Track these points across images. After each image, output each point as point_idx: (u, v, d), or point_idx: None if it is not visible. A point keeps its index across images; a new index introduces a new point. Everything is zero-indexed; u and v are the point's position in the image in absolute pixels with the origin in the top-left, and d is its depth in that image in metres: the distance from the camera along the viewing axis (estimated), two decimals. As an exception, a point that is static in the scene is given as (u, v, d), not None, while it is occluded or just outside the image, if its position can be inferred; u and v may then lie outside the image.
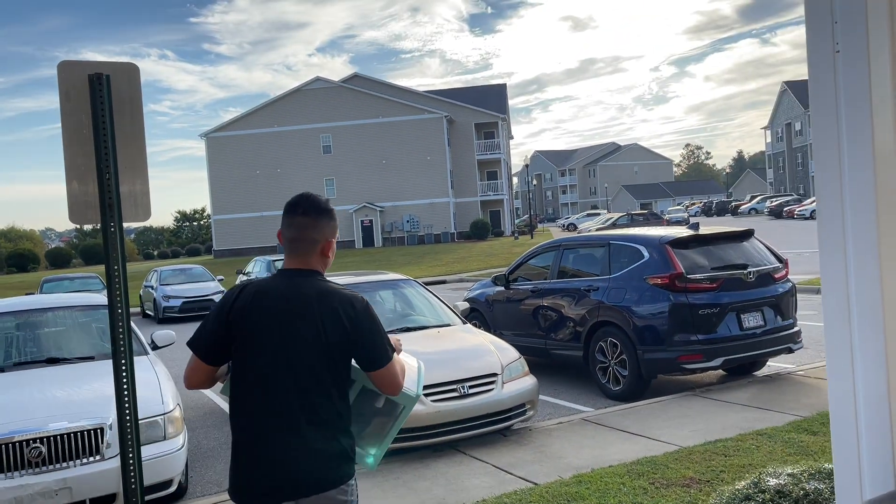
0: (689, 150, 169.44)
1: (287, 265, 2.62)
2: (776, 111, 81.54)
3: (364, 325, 2.50)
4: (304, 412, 2.42)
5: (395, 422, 2.85)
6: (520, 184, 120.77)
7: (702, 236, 7.70)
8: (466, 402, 5.97)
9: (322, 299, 2.48)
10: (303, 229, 2.61)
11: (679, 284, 7.22)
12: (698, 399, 7.01)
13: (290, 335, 2.44)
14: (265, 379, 2.44)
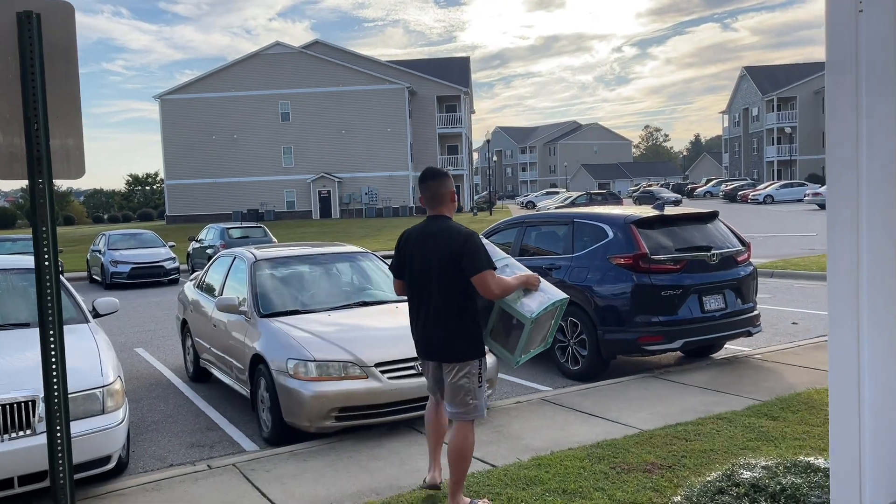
0: (647, 131, 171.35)
1: (429, 213, 4.18)
2: (734, 96, 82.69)
3: (466, 246, 3.93)
4: (434, 304, 4.02)
5: (524, 334, 4.01)
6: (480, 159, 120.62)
7: (667, 217, 7.60)
8: (422, 380, 5.76)
9: (444, 233, 4.02)
10: (434, 189, 4.14)
11: (643, 265, 7.12)
12: (657, 381, 6.95)
13: (425, 256, 4.05)
14: (414, 283, 4.14)
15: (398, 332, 6.22)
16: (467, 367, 3.98)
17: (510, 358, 4.15)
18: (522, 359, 4.13)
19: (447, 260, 3.94)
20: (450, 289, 3.97)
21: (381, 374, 5.67)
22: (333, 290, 7.32)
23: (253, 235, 21.67)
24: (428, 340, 4.10)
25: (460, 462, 4.01)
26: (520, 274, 4.14)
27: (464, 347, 3.99)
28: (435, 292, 4.00)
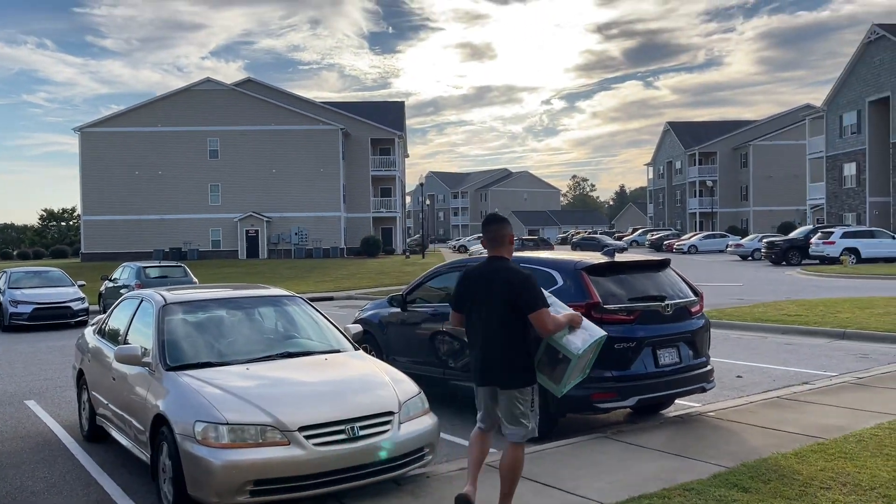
0: (575, 181, 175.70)
1: (490, 254, 4.61)
2: (659, 149, 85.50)
3: (525, 286, 4.40)
4: (495, 336, 4.47)
5: (569, 368, 4.49)
6: (412, 203, 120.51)
7: (618, 264, 7.13)
8: (357, 445, 5.01)
9: (505, 273, 4.47)
10: (496, 232, 4.62)
11: (595, 315, 6.58)
12: (611, 442, 6.37)
13: (488, 293, 4.49)
14: (475, 316, 4.58)
15: (327, 389, 5.48)
16: (524, 392, 4.52)
17: (555, 388, 4.66)
18: (566, 389, 4.69)
19: (508, 298, 4.44)
20: (510, 323, 4.46)
21: (305, 440, 4.89)
22: (254, 338, 6.50)
23: (172, 275, 20.37)
24: (488, 368, 4.55)
25: (513, 478, 4.57)
26: (565, 312, 4.64)
27: (521, 375, 4.50)
28: (496, 325, 4.48)
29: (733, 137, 73.26)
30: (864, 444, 5.88)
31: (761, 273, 30.86)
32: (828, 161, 51.21)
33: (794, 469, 5.31)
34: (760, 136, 70.60)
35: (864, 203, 47.14)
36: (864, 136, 47.00)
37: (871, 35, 46.00)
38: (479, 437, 4.77)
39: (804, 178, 58.98)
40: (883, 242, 33.72)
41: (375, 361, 6.31)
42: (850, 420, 6.76)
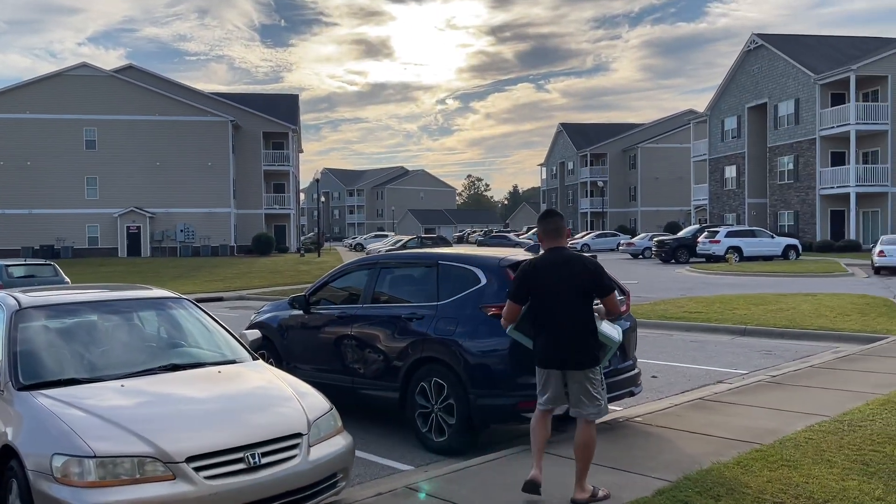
0: (470, 180, 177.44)
1: (549, 245, 4.92)
2: (552, 150, 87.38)
3: (599, 270, 4.80)
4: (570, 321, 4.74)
5: (608, 354, 4.92)
6: (307, 200, 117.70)
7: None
8: (258, 476, 4.20)
9: (575, 260, 4.82)
10: (556, 224, 4.93)
11: (523, 316, 6.04)
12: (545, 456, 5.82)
13: (559, 281, 4.75)
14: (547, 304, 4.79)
15: (222, 408, 4.63)
16: (595, 372, 4.78)
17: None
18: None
19: (582, 283, 4.72)
20: (582, 307, 4.73)
21: (195, 474, 4.04)
22: (133, 348, 5.53)
23: (40, 275, 18.37)
24: (564, 353, 4.75)
25: (589, 455, 4.81)
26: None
27: (594, 355, 4.76)
28: (572, 310, 4.72)
29: (623, 140, 75.82)
30: (802, 449, 5.62)
31: (653, 271, 31.71)
32: (710, 164, 53.75)
33: (740, 481, 4.93)
34: (648, 139, 73.43)
35: (743, 204, 49.74)
36: (744, 140, 49.61)
37: (751, 44, 48.57)
38: (543, 420, 4.97)
39: (689, 179, 61.73)
40: (763, 241, 35.52)
41: (278, 373, 5.48)
42: (779, 422, 6.54)
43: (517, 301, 4.86)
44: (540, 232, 4.97)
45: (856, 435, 5.92)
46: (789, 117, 45.04)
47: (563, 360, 4.76)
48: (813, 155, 42.81)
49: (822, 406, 7.09)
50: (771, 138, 46.91)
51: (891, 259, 26.93)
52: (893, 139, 39.99)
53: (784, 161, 45.70)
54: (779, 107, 46.03)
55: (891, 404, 6.87)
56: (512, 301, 4.89)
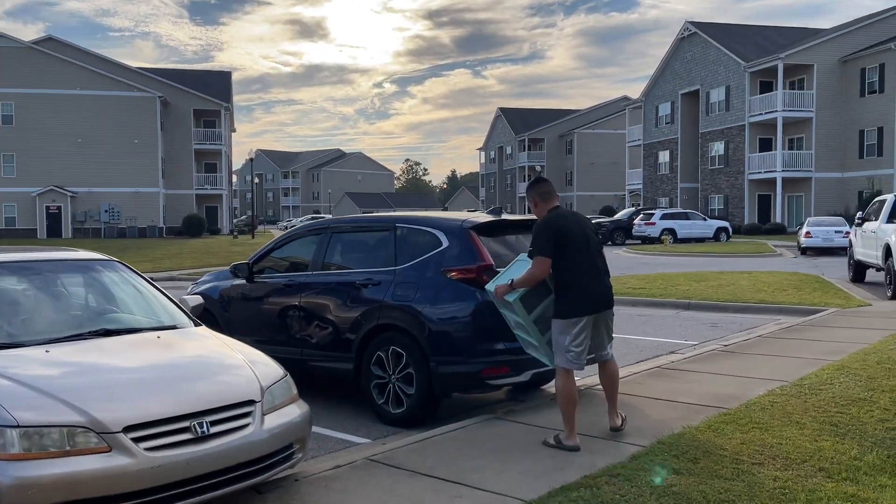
0: (408, 164, 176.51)
1: (549, 206, 5.09)
2: (490, 135, 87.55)
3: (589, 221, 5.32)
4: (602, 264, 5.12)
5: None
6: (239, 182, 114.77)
7: (508, 222, 6.34)
8: (207, 447, 3.77)
9: (580, 214, 5.43)
10: (549, 187, 5.20)
11: (487, 279, 5.74)
12: (505, 424, 5.57)
13: (584, 231, 5.06)
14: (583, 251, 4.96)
15: (163, 375, 4.17)
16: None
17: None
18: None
19: (594, 230, 5.22)
20: (602, 254, 5.16)
21: (134, 445, 3.58)
22: (58, 313, 4.97)
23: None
24: (605, 294, 5.03)
25: (618, 384, 5.37)
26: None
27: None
28: (599, 257, 5.06)
29: (560, 125, 76.51)
30: (769, 412, 5.52)
31: (592, 252, 32.00)
32: (645, 149, 54.73)
33: (714, 444, 4.78)
34: (584, 125, 74.29)
35: (676, 188, 50.87)
36: (677, 126, 50.66)
37: (684, 32, 49.50)
38: (603, 370, 5.29)
39: (623, 164, 62.78)
40: (696, 224, 36.38)
41: (224, 339, 5.03)
42: (740, 388, 6.46)
43: (549, 256, 4.85)
44: (535, 196, 5.11)
45: (819, 398, 5.87)
46: (720, 104, 46.17)
47: (607, 298, 5.05)
48: (742, 141, 44.03)
49: (778, 372, 7.06)
50: (703, 124, 48.02)
51: (816, 240, 27.94)
52: (817, 126, 41.47)
53: (715, 147, 46.88)
54: (710, 93, 47.12)
55: (845, 370, 6.89)
56: (546, 257, 4.83)
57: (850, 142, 41.11)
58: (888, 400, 5.74)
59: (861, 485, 4.00)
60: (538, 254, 4.84)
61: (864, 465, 4.30)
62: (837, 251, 27.92)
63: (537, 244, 4.86)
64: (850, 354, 7.74)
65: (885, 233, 14.48)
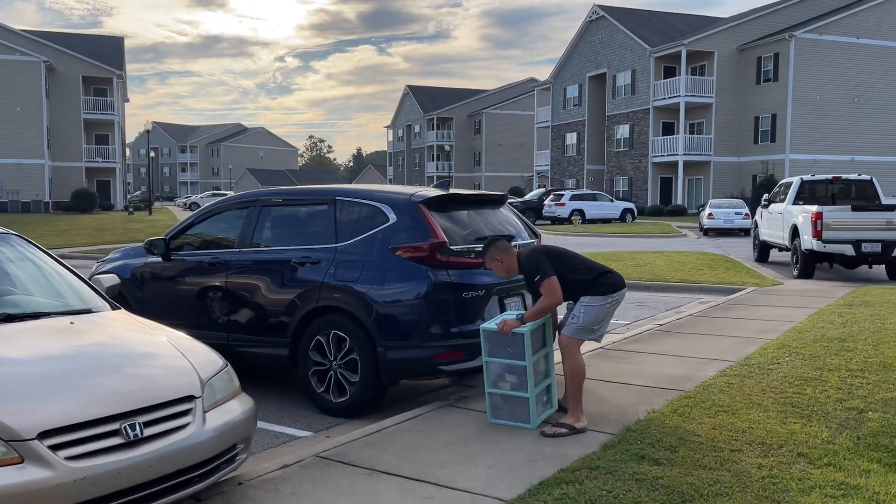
0: (312, 141, 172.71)
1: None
2: (398, 113, 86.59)
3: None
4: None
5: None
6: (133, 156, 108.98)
7: (459, 197, 5.93)
8: (141, 453, 3.20)
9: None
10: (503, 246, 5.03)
11: (440, 258, 5.33)
12: (460, 413, 5.20)
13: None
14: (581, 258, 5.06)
15: (82, 368, 3.55)
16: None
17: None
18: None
19: None
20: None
21: (52, 454, 2.98)
22: (-57, 296, 4.20)
23: None
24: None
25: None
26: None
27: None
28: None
29: (468, 105, 76.51)
30: (728, 394, 5.40)
31: (504, 231, 32.10)
32: (553, 130, 55.49)
33: (685, 430, 4.58)
34: (492, 105, 74.56)
35: (582, 170, 51.89)
36: (585, 108, 51.57)
37: (593, 15, 50.27)
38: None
39: (531, 146, 63.51)
40: (604, 205, 37.19)
41: (150, 324, 4.40)
42: (689, 368, 6.36)
43: (555, 274, 4.74)
44: (499, 254, 4.89)
45: (771, 378, 5.82)
46: (627, 87, 47.27)
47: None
48: (647, 124, 45.29)
49: (721, 351, 7.03)
50: (609, 107, 49.07)
51: (718, 221, 29.11)
52: (717, 112, 43.14)
53: (621, 129, 48.03)
54: (617, 77, 48.15)
55: (786, 348, 6.92)
56: (553, 275, 4.71)
57: (746, 128, 43.03)
58: (837, 379, 5.75)
59: (845, 471, 3.87)
60: (545, 277, 4.68)
61: (839, 449, 4.20)
62: (737, 232, 29.25)
63: (539, 269, 4.71)
64: (784, 333, 7.83)
65: (792, 214, 15.03)
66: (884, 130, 41.68)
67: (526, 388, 4.73)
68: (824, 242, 13.59)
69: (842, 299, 10.36)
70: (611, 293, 4.86)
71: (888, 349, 6.76)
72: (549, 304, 4.73)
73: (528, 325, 4.73)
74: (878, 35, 41.25)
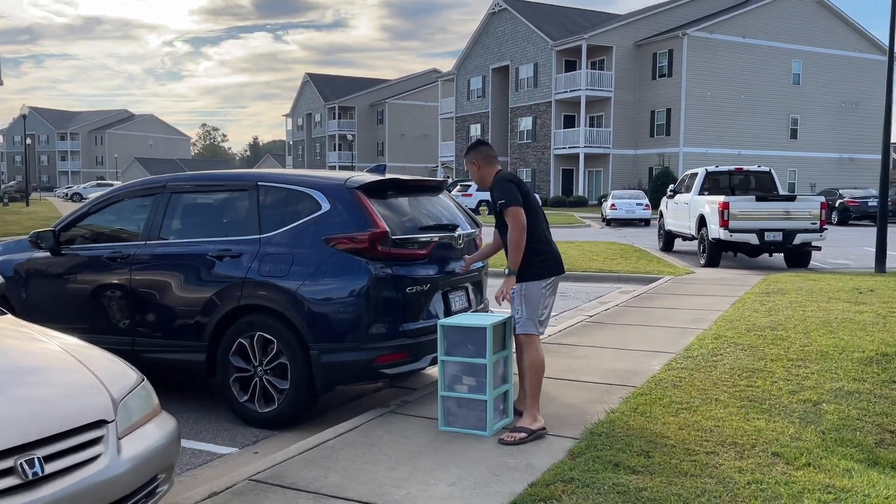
0: (205, 130, 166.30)
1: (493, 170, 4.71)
2: (298, 101, 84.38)
3: None
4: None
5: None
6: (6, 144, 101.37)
7: (398, 182, 5.42)
8: (42, 495, 2.56)
9: None
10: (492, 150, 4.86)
11: (381, 249, 4.83)
12: (406, 420, 4.73)
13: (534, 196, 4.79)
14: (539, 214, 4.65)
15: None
16: None
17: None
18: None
19: None
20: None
21: (-78, 507, 2.30)
22: None
23: None
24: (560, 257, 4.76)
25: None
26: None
27: None
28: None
29: (371, 94, 75.44)
30: (683, 389, 5.19)
31: (412, 223, 31.69)
32: (457, 122, 55.47)
33: (653, 431, 4.30)
34: (395, 95, 73.83)
35: (486, 161, 52.10)
36: (488, 100, 51.80)
37: (496, 7, 50.48)
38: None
39: (435, 137, 63.34)
40: (509, 196, 37.37)
41: (48, 332, 3.67)
42: (633, 362, 6.15)
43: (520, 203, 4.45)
44: (478, 159, 4.67)
45: (719, 370, 5.67)
46: (529, 80, 47.79)
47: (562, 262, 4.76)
48: (549, 117, 45.97)
49: (659, 343, 6.88)
50: (513, 99, 49.49)
51: (620, 212, 29.85)
52: (615, 105, 44.31)
53: (524, 122, 48.55)
54: (520, 69, 48.59)
55: (723, 339, 6.85)
56: (519, 206, 4.42)
57: (643, 121, 44.43)
58: (782, 370, 5.66)
59: (826, 471, 3.68)
60: (511, 204, 4.38)
61: (810, 447, 4.03)
62: (637, 222, 30.09)
63: (507, 194, 4.41)
64: (715, 322, 7.80)
65: (699, 204, 15.37)
66: (767, 126, 44.08)
67: (484, 391, 4.33)
68: (731, 232, 13.94)
69: (756, 287, 10.57)
70: (548, 276, 4.58)
71: (819, 337, 6.80)
72: (518, 234, 4.38)
73: (489, 320, 4.39)
74: (763, 35, 43.54)
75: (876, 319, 7.61)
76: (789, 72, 44.69)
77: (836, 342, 6.54)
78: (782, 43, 44.03)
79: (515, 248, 4.39)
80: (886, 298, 9.09)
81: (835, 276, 11.86)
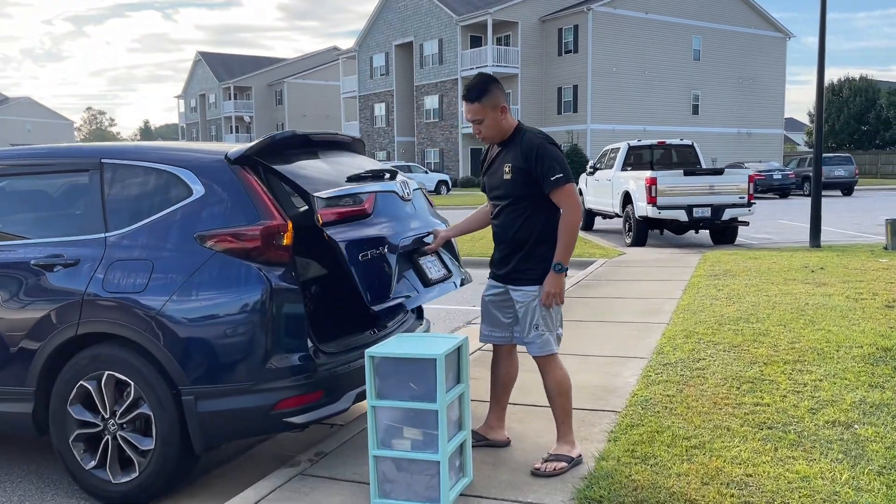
0: (91, 114, 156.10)
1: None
2: (190, 81, 79.87)
3: None
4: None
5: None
6: None
7: (301, 138, 3.95)
8: None
9: None
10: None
11: (283, 253, 3.42)
12: (326, 488, 3.38)
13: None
14: None
15: None
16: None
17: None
18: None
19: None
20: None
21: None
22: None
23: None
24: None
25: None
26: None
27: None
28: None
29: (268, 73, 72.07)
30: (678, 414, 4.08)
31: (317, 207, 29.98)
32: (360, 101, 53.54)
33: (668, 491, 3.13)
34: (294, 74, 70.80)
35: (393, 142, 50.60)
36: (392, 78, 50.12)
37: (397, -19, 48.71)
38: (505, 355, 3.89)
39: (337, 117, 61.07)
40: (418, 177, 36.10)
41: None
42: (601, 374, 5.04)
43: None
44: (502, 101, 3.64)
45: (711, 383, 4.61)
46: (434, 57, 46.44)
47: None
48: (456, 94, 44.81)
49: (621, 345, 5.81)
50: (417, 77, 48.03)
51: (534, 191, 29.19)
52: (522, 82, 43.64)
53: (430, 100, 47.22)
54: (424, 46, 47.15)
55: (695, 336, 5.84)
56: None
57: (550, 98, 44.00)
58: (784, 378, 4.67)
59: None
60: (570, 179, 3.40)
61: (877, 500, 2.97)
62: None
63: (565, 166, 3.41)
64: (674, 313, 6.83)
65: (623, 180, 14.57)
66: (670, 101, 44.59)
67: (435, 447, 3.05)
68: (659, 209, 13.19)
69: (700, 268, 9.75)
70: (566, 273, 3.57)
71: (802, 330, 5.89)
72: (577, 219, 3.42)
73: (439, 347, 3.09)
74: (665, 11, 43.83)
75: (850, 304, 6.81)
76: (690, 48, 45.30)
77: (824, 336, 5.64)
78: (683, 19, 44.50)
79: (572, 237, 3.40)
80: (843, 277, 8.41)
81: (772, 253, 11.26)
